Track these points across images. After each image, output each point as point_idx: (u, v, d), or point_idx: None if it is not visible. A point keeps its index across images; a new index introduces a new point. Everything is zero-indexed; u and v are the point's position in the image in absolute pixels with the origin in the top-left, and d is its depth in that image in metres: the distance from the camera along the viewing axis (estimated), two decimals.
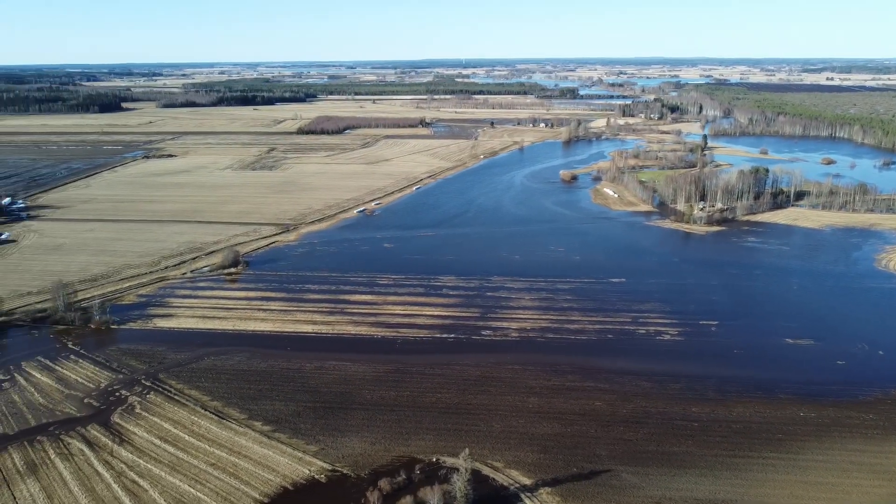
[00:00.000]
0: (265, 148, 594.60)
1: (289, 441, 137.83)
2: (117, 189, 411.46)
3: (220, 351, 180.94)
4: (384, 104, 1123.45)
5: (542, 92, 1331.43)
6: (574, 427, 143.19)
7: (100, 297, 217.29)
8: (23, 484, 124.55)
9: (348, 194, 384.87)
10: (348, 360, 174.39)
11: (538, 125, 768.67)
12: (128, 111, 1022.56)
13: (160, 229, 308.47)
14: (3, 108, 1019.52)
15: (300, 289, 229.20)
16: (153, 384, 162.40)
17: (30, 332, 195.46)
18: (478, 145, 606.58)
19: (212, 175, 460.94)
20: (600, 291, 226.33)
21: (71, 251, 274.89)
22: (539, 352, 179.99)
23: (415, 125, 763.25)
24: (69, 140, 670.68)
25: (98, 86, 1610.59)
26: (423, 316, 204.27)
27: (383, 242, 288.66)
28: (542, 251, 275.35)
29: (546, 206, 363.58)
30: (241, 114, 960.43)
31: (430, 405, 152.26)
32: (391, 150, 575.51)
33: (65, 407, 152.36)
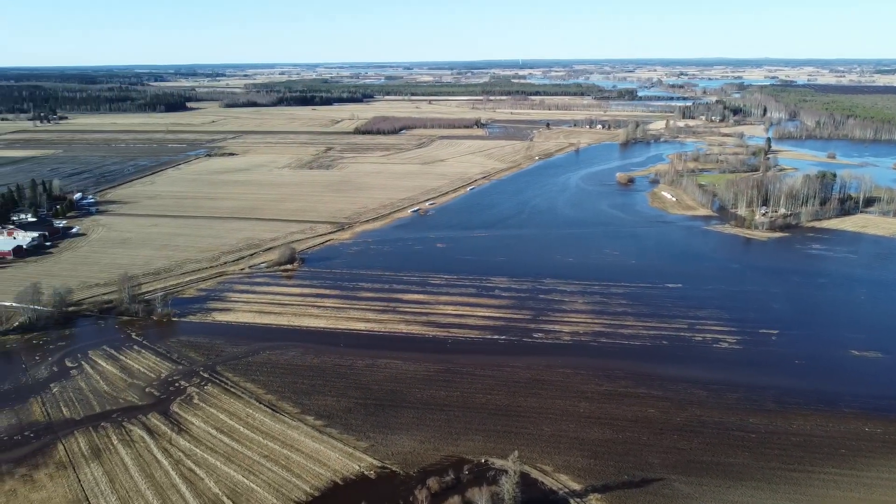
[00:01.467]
0: (322, 147, 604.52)
1: (340, 436, 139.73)
2: (180, 186, 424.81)
3: (275, 345, 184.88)
4: (440, 105, 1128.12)
5: (600, 93, 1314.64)
6: (626, 433, 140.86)
7: (162, 290, 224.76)
8: (87, 467, 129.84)
9: (403, 194, 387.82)
10: (399, 359, 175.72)
11: (595, 127, 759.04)
12: (192, 110, 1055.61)
13: (220, 225, 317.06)
14: (76, 107, 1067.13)
15: (354, 286, 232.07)
16: (211, 376, 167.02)
17: (97, 322, 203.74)
18: (533, 146, 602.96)
19: (270, 173, 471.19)
20: (656, 296, 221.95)
21: (136, 245, 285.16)
22: (591, 356, 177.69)
23: (470, 126, 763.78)
24: (136, 138, 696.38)
25: (164, 86, 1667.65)
26: (474, 316, 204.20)
27: (436, 242, 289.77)
28: (596, 254, 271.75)
29: (601, 209, 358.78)
30: (300, 114, 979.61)
31: (479, 406, 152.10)
32: (446, 151, 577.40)
33: (127, 395, 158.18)
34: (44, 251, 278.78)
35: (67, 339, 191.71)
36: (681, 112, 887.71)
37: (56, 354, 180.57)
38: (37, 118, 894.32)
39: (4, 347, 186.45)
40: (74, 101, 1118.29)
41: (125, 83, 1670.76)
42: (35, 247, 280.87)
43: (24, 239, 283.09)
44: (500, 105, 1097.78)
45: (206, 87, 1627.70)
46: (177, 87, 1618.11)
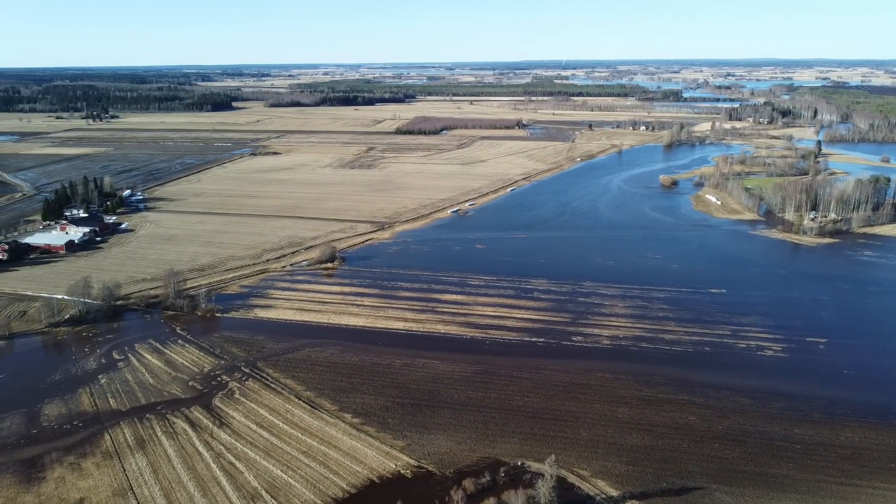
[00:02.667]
0: (364, 147, 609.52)
1: (377, 435, 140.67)
2: (225, 184, 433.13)
3: (314, 343, 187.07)
4: (481, 105, 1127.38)
5: (644, 94, 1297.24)
6: (665, 440, 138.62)
7: (206, 286, 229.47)
8: (132, 458, 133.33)
9: (443, 194, 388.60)
10: (437, 359, 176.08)
11: (638, 128, 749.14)
12: (237, 110, 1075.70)
13: (263, 223, 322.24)
14: (127, 106, 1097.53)
15: (393, 286, 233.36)
16: (252, 371, 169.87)
17: (143, 316, 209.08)
18: (574, 148, 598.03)
19: (313, 172, 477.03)
20: (698, 302, 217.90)
21: (182, 241, 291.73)
22: (631, 361, 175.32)
23: (511, 126, 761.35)
24: (184, 136, 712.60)
25: (211, 86, 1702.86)
26: (512, 318, 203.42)
27: (476, 243, 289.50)
28: (637, 258, 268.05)
29: (643, 212, 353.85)
30: (343, 113, 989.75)
31: (517, 408, 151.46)
32: (487, 152, 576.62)
33: (171, 388, 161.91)
34: (94, 246, 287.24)
35: (115, 332, 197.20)
36: (727, 114, 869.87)
37: (104, 347, 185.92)
38: (90, 117, 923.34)
39: (56, 339, 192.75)
40: (125, 101, 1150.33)
41: (174, 83, 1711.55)
42: (86, 242, 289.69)
43: (75, 234, 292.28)
44: (542, 106, 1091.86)
45: (252, 87, 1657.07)
46: (223, 86, 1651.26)
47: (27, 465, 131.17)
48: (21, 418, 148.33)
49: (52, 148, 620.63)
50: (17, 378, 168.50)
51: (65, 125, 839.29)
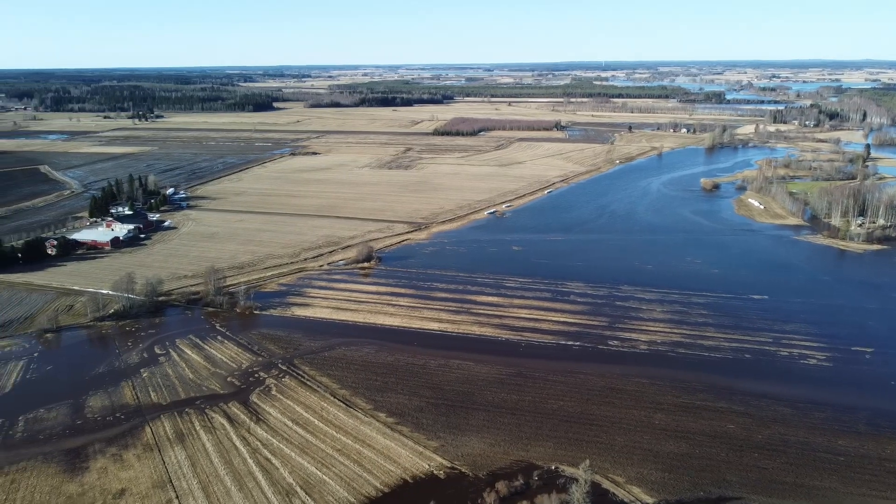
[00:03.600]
0: (402, 148, 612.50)
1: (410, 435, 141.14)
2: (265, 183, 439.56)
3: (350, 342, 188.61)
4: (519, 107, 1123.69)
5: (685, 96, 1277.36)
6: (703, 448, 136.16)
7: (245, 283, 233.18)
8: (171, 451, 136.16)
9: (480, 196, 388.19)
10: (472, 360, 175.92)
11: (679, 130, 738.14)
12: (278, 110, 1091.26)
13: (302, 222, 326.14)
14: (171, 106, 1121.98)
15: (428, 286, 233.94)
16: (288, 369, 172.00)
17: (184, 312, 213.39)
18: (613, 150, 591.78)
19: (351, 172, 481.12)
20: (739, 308, 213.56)
21: (222, 239, 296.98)
22: (669, 367, 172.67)
23: (549, 128, 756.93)
24: (226, 136, 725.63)
25: (253, 86, 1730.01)
26: (548, 321, 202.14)
27: (512, 245, 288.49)
28: (676, 262, 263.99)
29: (683, 215, 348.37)
30: (381, 114, 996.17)
31: (551, 412, 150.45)
32: (524, 153, 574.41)
33: (210, 383, 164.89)
34: (138, 243, 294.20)
35: (157, 327, 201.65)
36: (771, 116, 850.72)
37: (147, 341, 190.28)
38: (135, 116, 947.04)
39: (101, 333, 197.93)
40: (170, 101, 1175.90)
41: (217, 84, 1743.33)
42: (130, 238, 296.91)
43: (120, 231, 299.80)
44: (581, 107, 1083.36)
45: (292, 88, 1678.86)
46: (265, 87, 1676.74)
47: (72, 454, 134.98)
48: (67, 409, 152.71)
49: (100, 147, 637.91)
50: (64, 370, 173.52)
51: (112, 125, 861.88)
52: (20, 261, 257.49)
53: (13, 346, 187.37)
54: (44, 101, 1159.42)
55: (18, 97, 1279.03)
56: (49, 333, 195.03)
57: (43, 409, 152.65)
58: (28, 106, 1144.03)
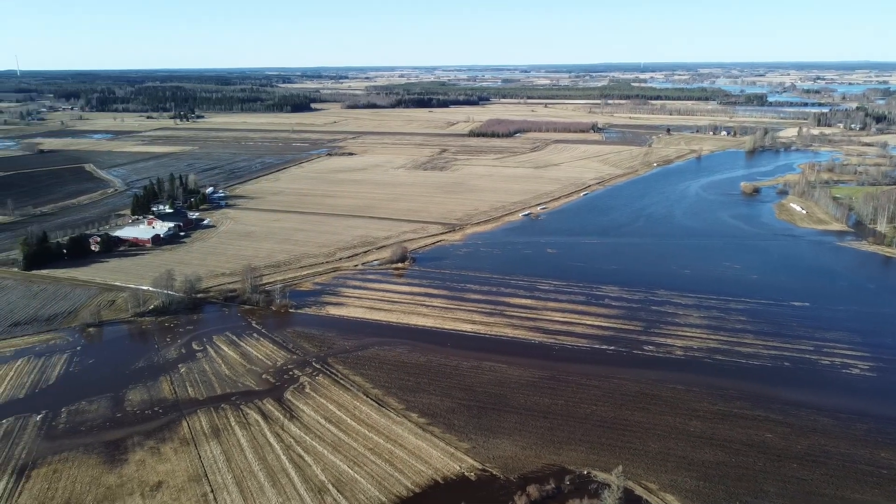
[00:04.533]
0: (437, 149, 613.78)
1: (442, 435, 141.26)
2: (302, 183, 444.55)
3: (383, 341, 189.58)
4: (556, 108, 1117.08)
5: (726, 98, 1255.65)
6: (740, 457, 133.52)
7: (281, 282, 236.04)
8: (207, 445, 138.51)
9: (514, 197, 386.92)
10: (504, 363, 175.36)
11: (719, 133, 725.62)
12: (315, 111, 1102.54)
13: (337, 222, 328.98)
14: (212, 107, 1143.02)
15: (462, 288, 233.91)
16: (322, 367, 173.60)
17: (221, 309, 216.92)
18: (651, 152, 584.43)
19: (386, 173, 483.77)
20: (779, 314, 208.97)
21: (259, 238, 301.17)
22: (705, 373, 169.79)
23: (586, 130, 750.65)
24: (264, 136, 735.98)
25: (291, 87, 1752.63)
26: (582, 325, 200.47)
27: (547, 247, 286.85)
28: (714, 267, 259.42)
29: (722, 220, 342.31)
30: (417, 115, 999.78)
31: (584, 416, 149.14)
32: (560, 155, 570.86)
33: (246, 380, 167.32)
34: (178, 241, 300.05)
35: (195, 323, 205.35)
36: (815, 119, 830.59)
37: (185, 337, 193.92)
38: (177, 116, 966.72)
39: (141, 328, 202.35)
40: (210, 101, 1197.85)
41: (256, 85, 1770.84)
42: (170, 236, 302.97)
43: (161, 228, 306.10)
44: (619, 109, 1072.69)
45: (330, 89, 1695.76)
46: (303, 88, 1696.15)
47: (111, 446, 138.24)
48: (107, 402, 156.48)
49: (142, 146, 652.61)
50: (105, 364, 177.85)
51: (154, 124, 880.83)
52: (65, 256, 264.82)
53: (58, 339, 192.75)
54: (90, 102, 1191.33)
55: (66, 97, 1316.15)
56: (92, 328, 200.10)
57: (85, 401, 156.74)
58: (75, 106, 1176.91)
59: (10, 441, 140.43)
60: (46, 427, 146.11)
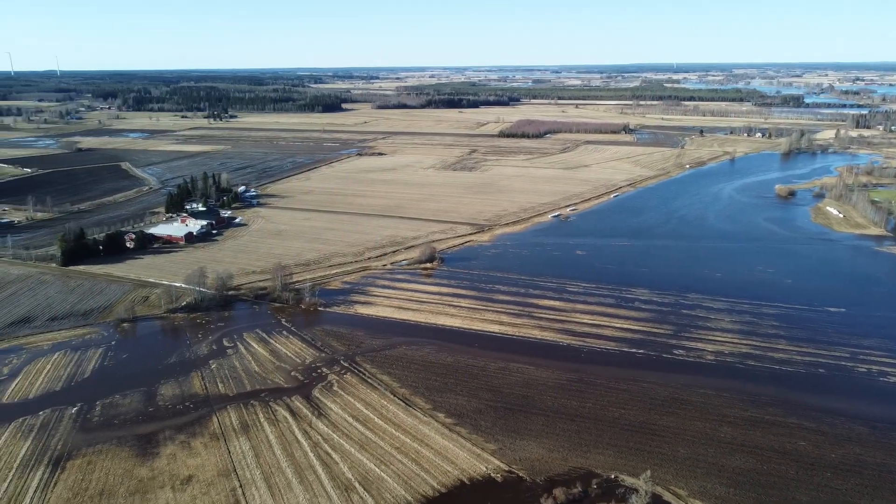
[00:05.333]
0: (467, 149, 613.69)
1: (469, 436, 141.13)
2: (332, 183, 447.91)
3: (411, 341, 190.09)
4: (587, 109, 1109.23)
5: (761, 99, 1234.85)
6: (771, 465, 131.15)
7: (311, 280, 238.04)
8: (236, 441, 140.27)
9: (544, 198, 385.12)
10: (532, 364, 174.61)
11: (753, 135, 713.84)
12: (346, 111, 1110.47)
13: (366, 222, 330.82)
14: (245, 107, 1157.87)
15: (490, 289, 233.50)
16: (350, 366, 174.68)
17: (252, 307, 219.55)
18: (683, 154, 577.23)
19: (416, 173, 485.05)
20: (813, 320, 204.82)
21: (290, 237, 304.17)
22: (736, 378, 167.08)
23: (617, 131, 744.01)
24: (296, 136, 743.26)
25: (323, 88, 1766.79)
26: (611, 327, 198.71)
27: (576, 249, 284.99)
28: (747, 271, 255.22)
29: (756, 223, 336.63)
30: (447, 116, 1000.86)
31: (612, 420, 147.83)
32: (591, 156, 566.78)
33: (275, 377, 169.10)
34: (210, 238, 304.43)
35: (226, 320, 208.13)
36: (854, 121, 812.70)
37: (216, 334, 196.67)
38: (211, 116, 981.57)
39: (173, 324, 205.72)
40: (243, 101, 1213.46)
41: (288, 85, 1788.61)
42: (203, 234, 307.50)
43: (194, 226, 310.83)
44: (651, 110, 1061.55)
45: (361, 89, 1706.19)
46: (334, 88, 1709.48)
47: (143, 440, 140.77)
48: (140, 396, 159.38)
49: (177, 145, 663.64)
50: (139, 359, 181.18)
51: (188, 124, 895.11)
52: (101, 253, 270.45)
53: (93, 333, 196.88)
54: (126, 101, 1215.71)
55: (104, 97, 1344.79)
56: (126, 323, 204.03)
57: (118, 395, 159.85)
58: (112, 105, 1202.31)
59: (47, 432, 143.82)
60: (81, 420, 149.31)
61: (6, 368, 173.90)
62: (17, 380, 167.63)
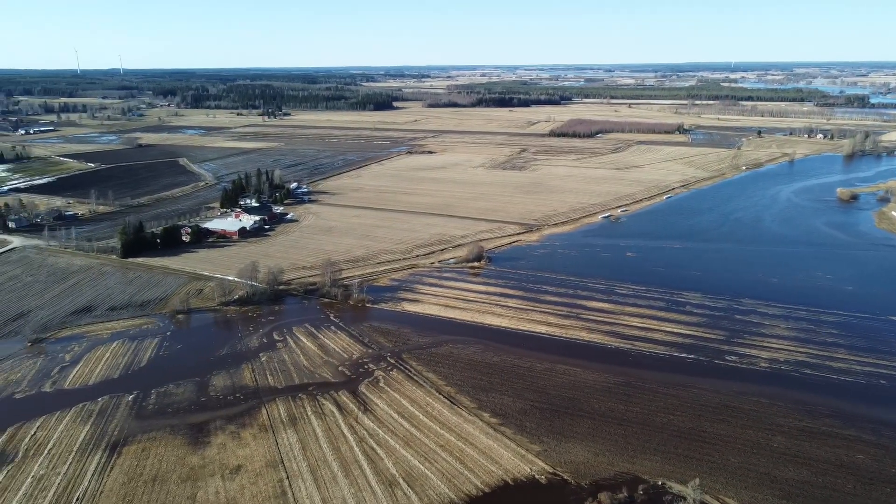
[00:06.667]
0: (517, 149, 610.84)
1: (513, 437, 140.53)
2: (382, 180, 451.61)
3: (457, 339, 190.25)
4: (640, 108, 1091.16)
5: (823, 99, 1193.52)
6: (826, 478, 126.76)
7: (359, 277, 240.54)
8: (284, 433, 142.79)
9: (594, 199, 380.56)
10: (579, 367, 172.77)
11: (814, 136, 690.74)
12: (397, 110, 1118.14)
13: (415, 220, 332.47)
14: (298, 105, 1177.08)
15: (537, 289, 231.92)
16: (396, 362, 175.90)
17: (301, 302, 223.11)
18: (740, 155, 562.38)
19: (465, 172, 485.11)
20: (876, 329, 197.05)
21: (340, 233, 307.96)
22: (791, 387, 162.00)
23: (671, 131, 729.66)
24: (347, 134, 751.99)
25: (375, 86, 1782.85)
26: (661, 331, 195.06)
27: (626, 251, 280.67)
28: (805, 276, 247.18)
29: (815, 227, 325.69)
30: (497, 115, 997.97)
31: (660, 425, 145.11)
32: (643, 157, 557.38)
33: (322, 371, 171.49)
34: (262, 233, 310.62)
35: (276, 314, 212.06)
36: None
37: (266, 327, 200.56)
38: (265, 114, 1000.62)
39: (226, 317, 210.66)
40: (297, 99, 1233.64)
41: (341, 83, 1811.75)
42: (256, 229, 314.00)
43: (247, 221, 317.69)
44: (707, 110, 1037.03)
45: (412, 88, 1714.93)
46: (385, 87, 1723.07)
47: (195, 429, 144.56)
48: (193, 386, 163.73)
49: (232, 142, 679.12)
50: (192, 350, 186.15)
51: (244, 121, 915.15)
52: (159, 246, 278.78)
53: (150, 324, 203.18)
54: (185, 99, 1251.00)
55: (163, 95, 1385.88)
56: (181, 314, 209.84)
57: (172, 384, 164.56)
58: (171, 103, 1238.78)
59: (105, 418, 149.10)
60: (137, 407, 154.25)
61: (68, 355, 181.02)
62: (79, 366, 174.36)
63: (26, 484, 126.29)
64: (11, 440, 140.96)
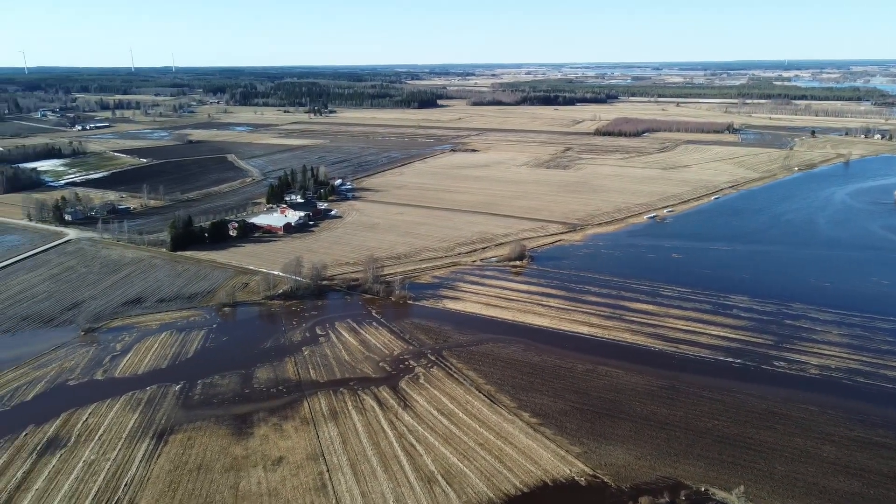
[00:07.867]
0: (561, 147, 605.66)
1: (553, 437, 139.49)
2: (425, 178, 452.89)
3: (498, 338, 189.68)
4: (688, 108, 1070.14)
5: (882, 98, 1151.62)
6: (879, 490, 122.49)
7: (401, 273, 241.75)
8: (325, 426, 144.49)
9: (639, 199, 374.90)
10: (621, 368, 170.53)
11: (872, 136, 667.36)
12: (441, 107, 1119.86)
13: (457, 218, 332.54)
14: (343, 102, 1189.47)
15: (580, 289, 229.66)
16: (437, 359, 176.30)
17: (344, 297, 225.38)
18: (792, 156, 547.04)
19: (508, 171, 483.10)
20: None
21: (382, 230, 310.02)
22: (843, 395, 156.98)
23: (720, 131, 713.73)
24: (391, 132, 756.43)
25: (419, 84, 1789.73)
26: (706, 334, 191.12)
27: (672, 252, 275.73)
28: (860, 281, 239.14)
29: (871, 230, 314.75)
30: (542, 113, 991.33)
31: (704, 430, 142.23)
32: (690, 156, 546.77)
33: (363, 366, 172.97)
34: (307, 229, 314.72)
35: (319, 309, 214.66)
36: None
37: (309, 322, 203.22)
38: (311, 111, 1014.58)
39: (270, 310, 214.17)
40: (343, 97, 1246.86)
41: (386, 81, 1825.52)
42: (300, 225, 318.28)
43: (292, 217, 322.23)
44: (758, 109, 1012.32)
45: (456, 86, 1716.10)
46: (430, 85, 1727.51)
47: (239, 420, 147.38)
48: (237, 378, 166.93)
49: (279, 139, 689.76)
50: (237, 342, 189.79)
51: (290, 118, 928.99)
52: (206, 240, 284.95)
53: (197, 316, 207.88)
54: (234, 96, 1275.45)
55: (213, 92, 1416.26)
56: (227, 307, 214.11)
57: (218, 375, 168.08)
58: (221, 100, 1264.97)
59: (153, 407, 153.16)
60: (184, 397, 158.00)
61: (119, 345, 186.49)
62: (128, 356, 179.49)
63: (78, 468, 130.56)
64: (65, 425, 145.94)
